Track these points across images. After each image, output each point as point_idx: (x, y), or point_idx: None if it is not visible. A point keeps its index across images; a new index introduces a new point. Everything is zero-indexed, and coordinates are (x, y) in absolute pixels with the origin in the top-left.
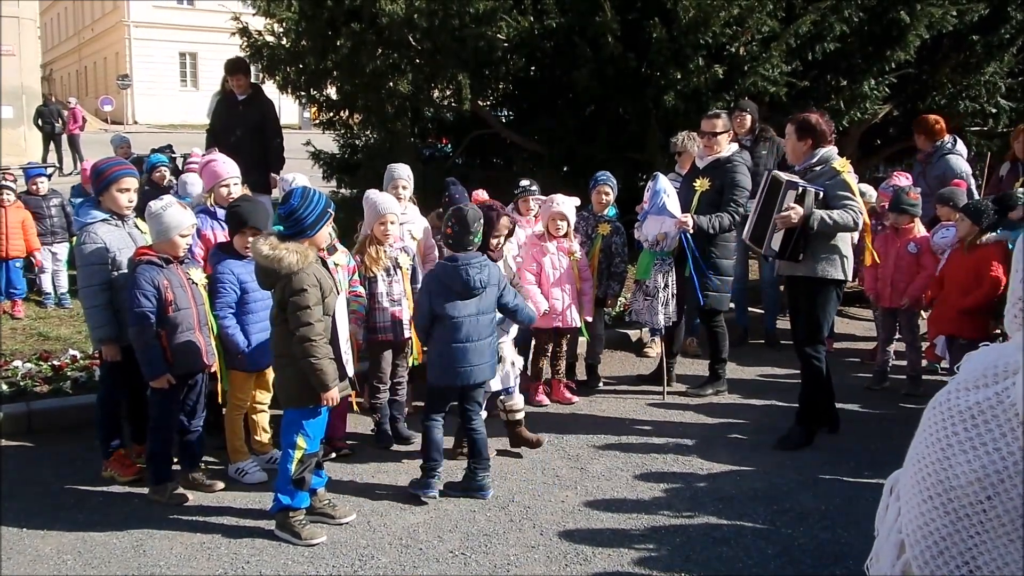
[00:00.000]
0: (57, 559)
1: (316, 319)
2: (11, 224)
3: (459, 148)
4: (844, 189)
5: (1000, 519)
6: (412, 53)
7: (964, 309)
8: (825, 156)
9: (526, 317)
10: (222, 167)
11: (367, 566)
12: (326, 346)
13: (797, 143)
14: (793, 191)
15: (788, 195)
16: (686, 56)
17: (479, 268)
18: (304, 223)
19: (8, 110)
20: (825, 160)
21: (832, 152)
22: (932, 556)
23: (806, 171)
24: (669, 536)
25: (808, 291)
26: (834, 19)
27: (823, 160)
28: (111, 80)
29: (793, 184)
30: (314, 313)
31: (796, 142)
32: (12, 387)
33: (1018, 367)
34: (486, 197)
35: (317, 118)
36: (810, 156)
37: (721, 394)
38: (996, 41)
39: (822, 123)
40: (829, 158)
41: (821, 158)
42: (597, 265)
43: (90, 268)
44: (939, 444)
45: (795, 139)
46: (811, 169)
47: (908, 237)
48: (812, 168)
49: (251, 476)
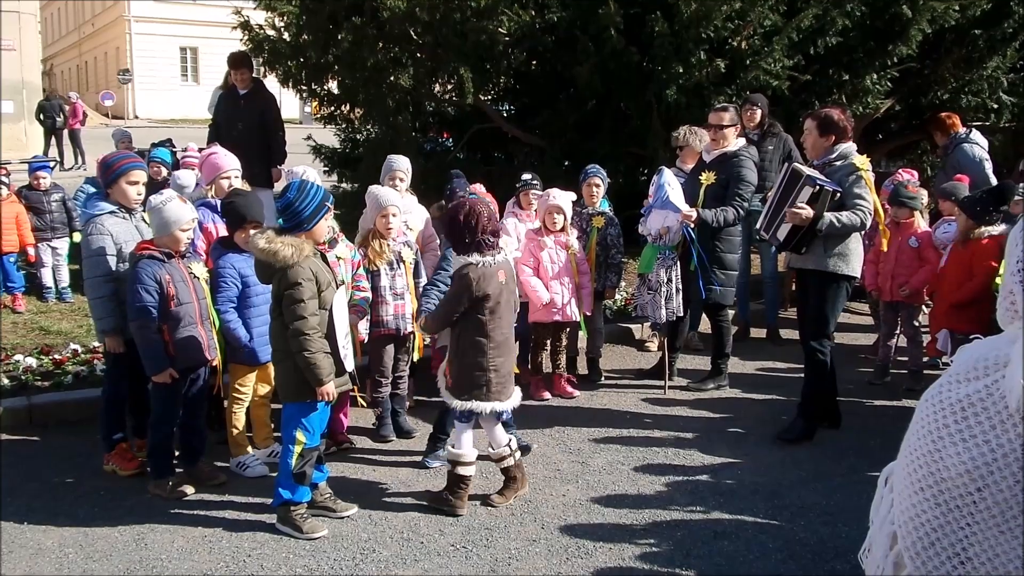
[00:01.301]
0: (59, 552)
1: (310, 313)
2: (5, 219)
3: (460, 142)
4: (860, 187)
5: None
6: (413, 47)
7: (957, 303)
8: (844, 152)
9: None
10: (222, 160)
11: (368, 559)
12: (321, 340)
13: (819, 139)
14: (810, 188)
15: (804, 191)
16: (688, 50)
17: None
18: (301, 216)
19: (9, 105)
20: (844, 156)
21: (851, 148)
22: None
23: (825, 166)
24: (670, 530)
25: (818, 285)
26: (836, 13)
27: (842, 156)
28: (112, 75)
29: (812, 180)
30: (308, 307)
31: (818, 138)
32: (13, 381)
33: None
34: (483, 191)
35: (318, 112)
36: (829, 151)
37: (722, 388)
38: (999, 35)
39: (844, 119)
40: (848, 154)
41: (841, 153)
42: (595, 258)
43: (95, 259)
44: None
45: (816, 135)
46: (830, 164)
47: (909, 231)
48: (831, 163)
49: (252, 470)
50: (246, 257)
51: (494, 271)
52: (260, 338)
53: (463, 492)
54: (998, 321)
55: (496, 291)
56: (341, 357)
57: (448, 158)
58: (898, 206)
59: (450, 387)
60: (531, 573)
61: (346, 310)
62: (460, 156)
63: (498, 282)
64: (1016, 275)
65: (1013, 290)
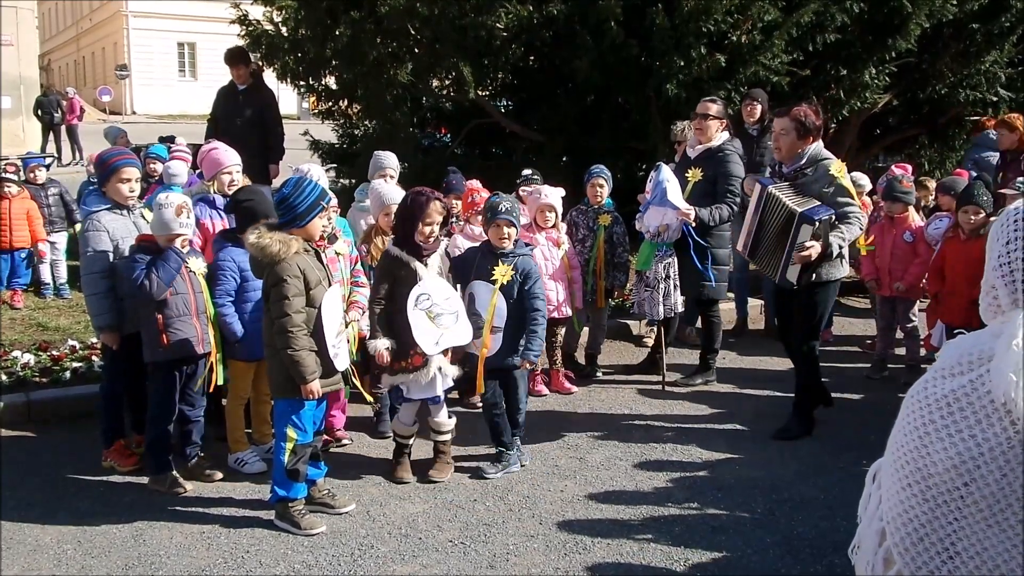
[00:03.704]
0: (57, 548)
1: (295, 310)
2: (15, 214)
3: (458, 138)
4: (844, 195)
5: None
6: (412, 42)
7: (974, 300)
8: (813, 155)
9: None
10: (223, 155)
11: (366, 555)
12: (305, 337)
13: (796, 141)
14: (809, 226)
15: (804, 230)
16: (688, 44)
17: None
18: (295, 211)
19: (7, 100)
20: (814, 159)
21: (819, 148)
22: (912, 543)
23: (797, 174)
24: (668, 525)
25: (811, 294)
26: (836, 9)
27: (812, 159)
28: (109, 70)
29: (807, 218)
30: (293, 304)
31: (795, 140)
32: (11, 377)
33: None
34: (480, 187)
35: (316, 107)
36: (799, 156)
37: (710, 384)
38: (997, 30)
39: (817, 119)
40: (817, 155)
41: (810, 158)
42: (603, 256)
43: (92, 256)
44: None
45: (794, 137)
46: (802, 172)
47: (904, 226)
48: (803, 171)
49: (250, 466)
50: (247, 252)
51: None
52: (257, 334)
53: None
54: (981, 316)
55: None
56: (330, 357)
57: (446, 153)
58: (892, 201)
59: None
60: (529, 568)
61: (341, 308)
62: (458, 151)
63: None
64: (997, 270)
65: (995, 285)
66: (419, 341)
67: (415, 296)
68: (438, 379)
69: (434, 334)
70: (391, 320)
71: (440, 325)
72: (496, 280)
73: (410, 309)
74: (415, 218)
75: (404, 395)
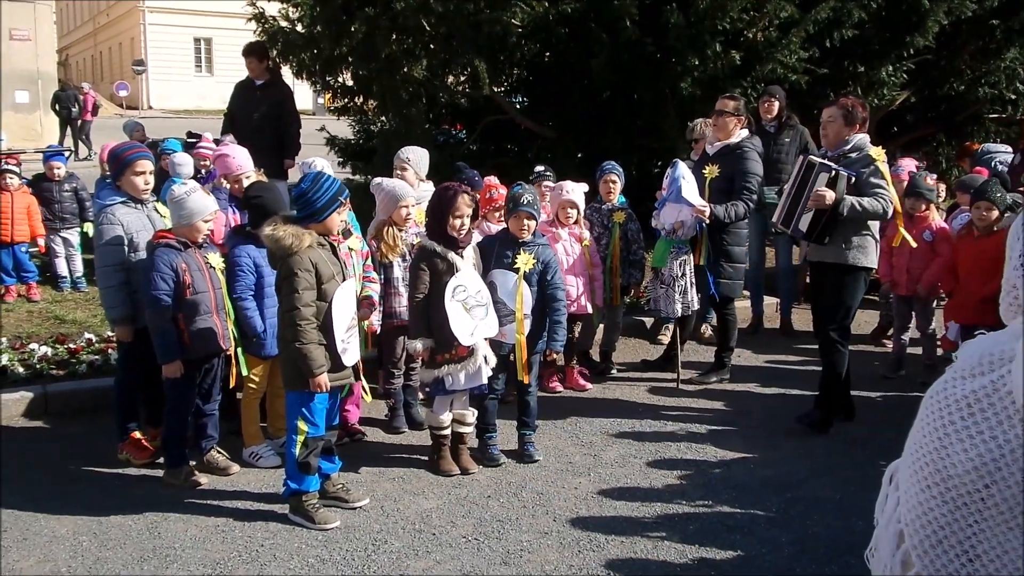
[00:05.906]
0: (73, 540)
1: (304, 304)
2: (16, 208)
3: (473, 134)
4: (878, 177)
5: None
6: (427, 38)
7: (985, 298)
8: (859, 143)
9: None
10: (234, 162)
11: (380, 550)
12: (314, 331)
13: (843, 128)
14: (826, 173)
15: (820, 177)
16: (703, 42)
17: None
18: (313, 206)
19: (24, 95)
20: (859, 147)
21: (865, 139)
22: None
23: (840, 157)
24: (682, 524)
25: (836, 277)
26: (853, 5)
27: (857, 147)
28: (126, 65)
29: (826, 167)
30: (303, 297)
31: (842, 127)
32: (28, 369)
33: (1014, 354)
34: (497, 183)
35: (332, 104)
36: (845, 143)
37: (725, 382)
38: (1016, 26)
39: (863, 111)
40: (863, 145)
41: (855, 145)
42: (619, 254)
43: (107, 249)
44: (936, 433)
45: (841, 123)
46: (845, 156)
47: (924, 224)
48: (847, 155)
49: (265, 460)
50: (262, 249)
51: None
52: (273, 329)
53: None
54: (1001, 316)
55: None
56: (339, 352)
57: (461, 150)
58: (915, 198)
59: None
60: (543, 565)
61: (354, 304)
62: (473, 148)
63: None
64: (1018, 269)
65: (1016, 284)
66: (456, 332)
67: (452, 288)
68: (483, 368)
69: (469, 325)
70: (430, 313)
71: (475, 317)
72: (519, 268)
73: (448, 300)
74: (444, 212)
75: (447, 387)
